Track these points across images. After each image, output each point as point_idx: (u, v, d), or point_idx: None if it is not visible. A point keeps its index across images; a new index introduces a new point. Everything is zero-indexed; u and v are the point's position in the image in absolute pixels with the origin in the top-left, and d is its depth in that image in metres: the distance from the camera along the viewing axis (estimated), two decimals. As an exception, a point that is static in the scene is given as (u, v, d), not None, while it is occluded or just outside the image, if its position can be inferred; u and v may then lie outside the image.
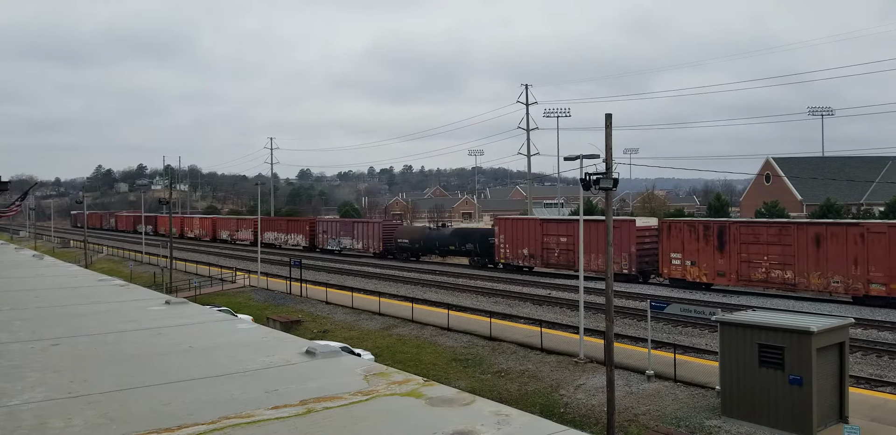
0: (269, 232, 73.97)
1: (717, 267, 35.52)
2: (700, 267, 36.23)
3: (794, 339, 15.75)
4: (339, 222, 67.49)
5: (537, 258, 44.25)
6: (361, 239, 60.46)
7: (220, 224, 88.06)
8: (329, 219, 76.31)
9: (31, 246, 72.37)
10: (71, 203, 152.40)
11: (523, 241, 45.09)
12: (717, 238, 35.43)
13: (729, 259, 34.88)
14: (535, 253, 44.33)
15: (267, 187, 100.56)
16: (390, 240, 57.59)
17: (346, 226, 64.08)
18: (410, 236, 56.34)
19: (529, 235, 44.30)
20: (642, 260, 39.30)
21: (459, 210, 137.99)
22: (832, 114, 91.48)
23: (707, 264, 35.90)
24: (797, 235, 32.49)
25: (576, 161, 22.21)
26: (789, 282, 32.85)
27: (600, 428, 17.85)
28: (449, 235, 52.95)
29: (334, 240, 64.22)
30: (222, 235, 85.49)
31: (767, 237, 33.63)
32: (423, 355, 25.86)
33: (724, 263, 35.16)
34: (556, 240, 42.77)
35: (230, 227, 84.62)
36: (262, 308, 37.16)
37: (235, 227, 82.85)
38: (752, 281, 34.33)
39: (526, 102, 68.68)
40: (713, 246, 35.55)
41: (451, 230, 55.33)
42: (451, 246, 51.92)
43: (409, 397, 2.58)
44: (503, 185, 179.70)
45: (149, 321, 4.35)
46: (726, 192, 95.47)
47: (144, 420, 2.35)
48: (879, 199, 58.70)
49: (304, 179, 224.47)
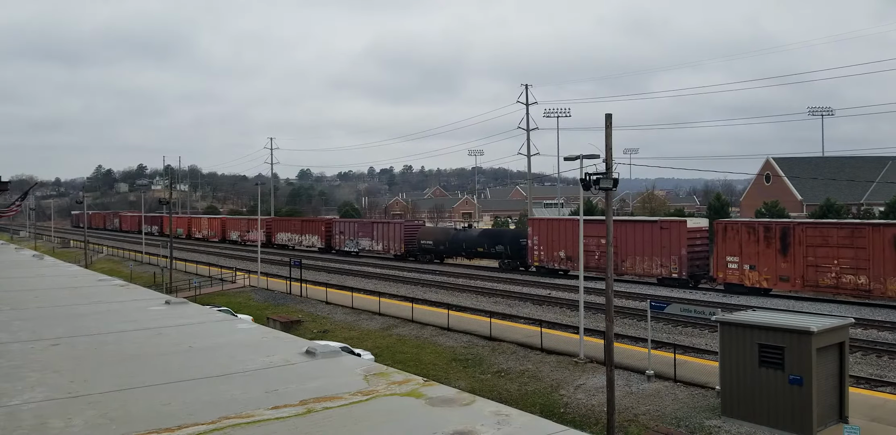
0: (281, 233, 72.35)
1: (779, 271, 33.34)
2: (760, 271, 34.02)
3: (794, 339, 15.75)
4: (357, 223, 65.31)
5: (575, 261, 41.01)
6: (382, 240, 58.45)
7: (230, 225, 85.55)
8: (347, 219, 73.91)
9: (31, 246, 72.42)
10: (71, 203, 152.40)
11: (560, 242, 42.96)
12: (780, 240, 33.28)
13: (793, 263, 32.65)
14: (573, 255, 41.70)
15: (267, 187, 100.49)
16: (412, 241, 55.89)
17: (365, 227, 62.04)
18: (434, 238, 54.51)
19: (567, 237, 41.74)
20: (693, 263, 37.31)
21: (459, 210, 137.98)
22: (832, 114, 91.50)
23: (768, 268, 33.66)
24: (872, 236, 30.47)
25: (576, 161, 22.22)
26: (863, 288, 30.70)
27: (600, 428, 17.85)
28: (477, 236, 51.10)
29: (352, 241, 62.25)
30: (232, 235, 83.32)
31: (838, 239, 31.47)
32: (423, 355, 25.86)
33: (787, 268, 32.92)
34: (595, 242, 40.20)
35: (240, 227, 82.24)
36: (262, 308, 37.16)
37: (246, 227, 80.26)
38: (820, 286, 32.22)
39: (526, 102, 68.70)
40: (775, 249, 33.36)
41: (479, 231, 53.48)
42: (479, 248, 49.99)
43: (409, 397, 2.58)
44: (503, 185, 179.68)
45: (149, 321, 4.35)
46: (726, 192, 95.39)
47: (144, 420, 2.35)
48: (879, 199, 58.68)
49: (304, 179, 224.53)
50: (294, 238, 70.44)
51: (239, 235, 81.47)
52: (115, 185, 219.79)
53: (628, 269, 39.24)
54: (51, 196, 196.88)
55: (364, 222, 64.76)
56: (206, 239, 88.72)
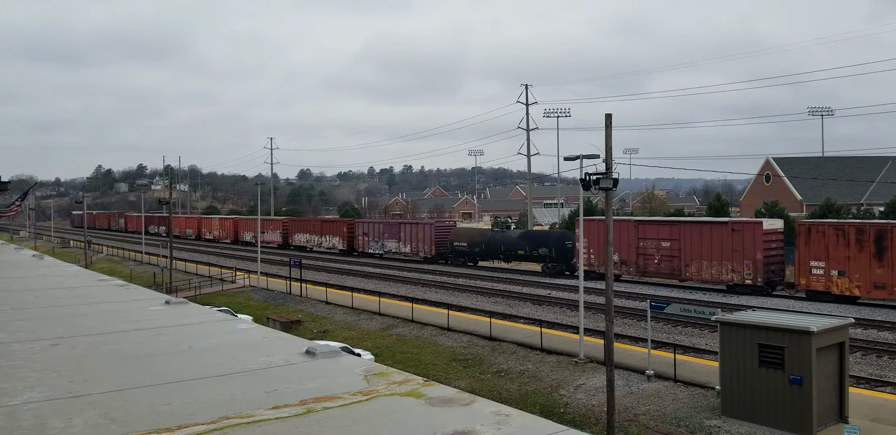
0: (299, 234, 69.57)
1: (873, 278, 30.40)
2: (850, 278, 31.12)
3: (794, 339, 15.75)
4: (383, 223, 62.10)
5: (631, 265, 39.41)
6: (409, 242, 55.48)
7: (243, 225, 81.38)
8: (372, 220, 70.65)
9: (31, 246, 72.42)
10: (71, 203, 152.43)
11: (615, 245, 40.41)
12: (875, 244, 30.45)
13: (891, 269, 29.93)
14: (628, 259, 39.43)
15: (267, 187, 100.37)
16: (444, 243, 52.99)
17: (391, 227, 58.91)
18: (469, 239, 51.32)
19: (621, 239, 38.82)
20: (768, 269, 34.66)
21: (459, 210, 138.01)
22: (832, 114, 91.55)
23: (860, 275, 30.82)
24: None
25: (575, 161, 22.23)
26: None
27: (600, 428, 17.85)
28: (517, 237, 48.03)
29: (377, 243, 59.20)
30: (245, 236, 79.72)
31: None
32: (423, 355, 25.86)
33: (883, 274, 30.11)
34: (655, 244, 38.00)
35: (254, 228, 76.87)
36: (262, 308, 37.16)
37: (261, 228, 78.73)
38: None
39: (526, 102, 68.72)
40: (869, 253, 30.55)
41: (519, 232, 50.39)
42: (519, 250, 46.74)
43: (409, 397, 2.58)
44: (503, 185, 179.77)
45: (149, 321, 4.35)
46: (726, 192, 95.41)
47: (144, 420, 2.35)
48: (879, 199, 58.69)
49: (304, 179, 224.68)
50: (313, 239, 67.58)
51: (253, 235, 77.11)
52: (114, 185, 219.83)
53: (693, 274, 36.57)
54: (51, 196, 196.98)
55: (390, 223, 61.79)
56: (217, 240, 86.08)
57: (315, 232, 67.38)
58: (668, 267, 37.81)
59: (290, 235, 71.02)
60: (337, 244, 64.36)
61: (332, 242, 64.99)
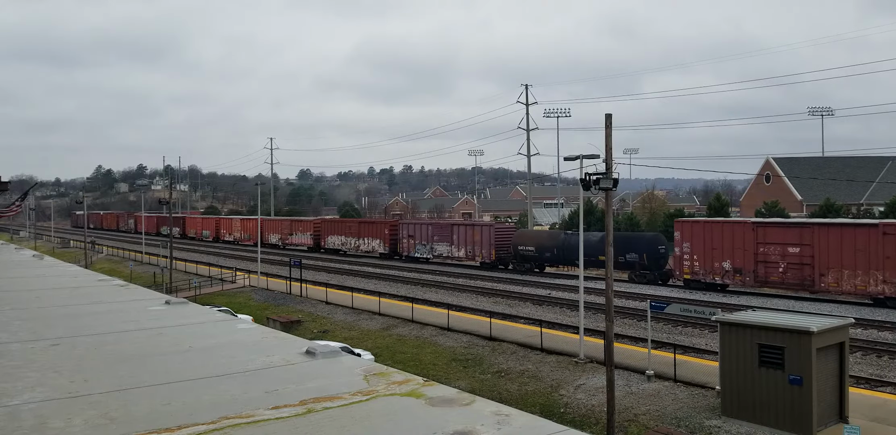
0: (333, 236, 65.63)
1: None
2: None
3: (794, 339, 15.75)
4: (432, 225, 57.48)
5: (747, 274, 34.88)
6: (464, 245, 51.22)
7: (269, 226, 76.08)
8: (419, 221, 66.14)
9: (31, 246, 72.46)
10: (71, 203, 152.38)
11: (723, 250, 35.86)
12: None
13: None
14: (743, 267, 35.01)
15: (267, 187, 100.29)
16: (505, 246, 48.93)
17: (441, 229, 54.48)
18: (537, 242, 46.68)
19: (734, 244, 35.26)
20: None
21: (459, 210, 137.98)
22: (832, 114, 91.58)
23: None
24: None
25: (575, 161, 22.22)
26: None
27: (600, 428, 17.85)
28: (598, 241, 41.29)
29: (424, 246, 55.03)
30: (271, 238, 74.41)
31: None
32: (423, 355, 25.86)
33: None
34: (779, 250, 33.78)
35: (282, 229, 73.57)
36: (262, 308, 37.18)
37: (289, 229, 72.18)
38: None
39: (526, 102, 68.72)
40: None
41: (601, 235, 42.74)
42: (601, 255, 42.60)
43: (409, 397, 2.58)
44: (503, 185, 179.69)
45: (149, 321, 4.35)
46: (726, 192, 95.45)
47: (144, 420, 2.36)
48: (879, 199, 58.68)
49: (304, 180, 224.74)
50: (349, 242, 63.29)
51: (280, 238, 73.49)
52: (114, 185, 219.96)
53: (830, 284, 32.11)
54: (51, 196, 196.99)
55: (441, 224, 57.44)
56: (238, 242, 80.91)
57: (352, 234, 63.26)
58: (797, 276, 33.31)
59: (322, 237, 67.35)
60: (377, 247, 60.19)
61: (371, 245, 60.93)
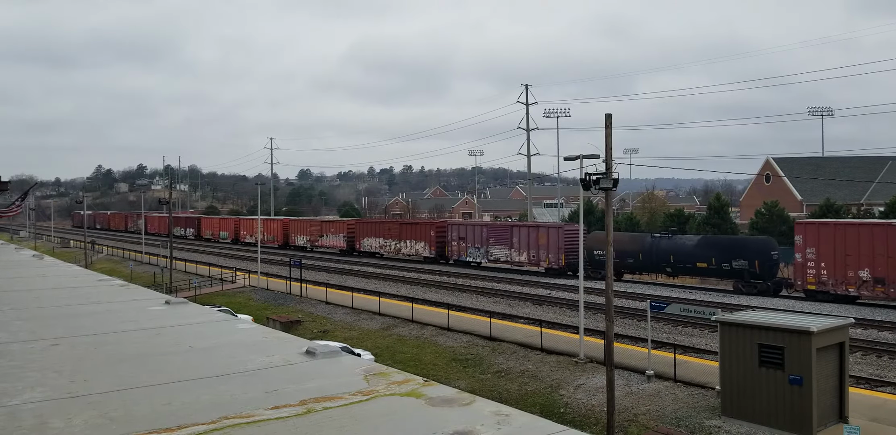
0: (369, 238, 61.25)
1: None
2: None
3: (794, 339, 15.75)
4: (487, 226, 52.41)
5: (891, 285, 30.29)
6: (526, 249, 46.07)
7: (295, 227, 71.33)
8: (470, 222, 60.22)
9: (31, 246, 72.42)
10: (71, 203, 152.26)
11: (860, 257, 31.19)
12: None
13: None
14: (886, 277, 30.32)
15: (267, 187, 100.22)
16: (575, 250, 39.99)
17: (499, 231, 49.45)
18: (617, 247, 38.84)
19: (874, 249, 30.73)
20: None
21: (459, 210, 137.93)
22: (832, 114, 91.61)
23: None
24: None
25: (575, 161, 22.22)
26: None
27: (600, 428, 17.85)
28: (695, 245, 37.84)
29: (478, 249, 50.13)
30: (298, 241, 70.06)
31: None
32: (423, 355, 25.86)
33: None
34: None
35: (311, 231, 68.57)
36: (262, 308, 37.17)
37: (319, 231, 67.24)
38: None
39: (526, 102, 68.74)
40: None
41: (698, 239, 39.26)
42: (699, 262, 37.19)
43: (409, 397, 2.58)
44: (503, 185, 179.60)
45: (149, 321, 4.35)
46: (726, 192, 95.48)
47: (144, 420, 2.35)
48: (879, 199, 58.66)
49: (304, 179, 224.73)
50: (389, 244, 58.87)
51: (308, 239, 68.62)
52: (114, 185, 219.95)
53: None
54: (51, 196, 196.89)
55: (498, 226, 52.98)
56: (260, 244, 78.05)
57: (391, 236, 58.65)
58: None
59: (357, 239, 62.84)
60: (421, 250, 55.62)
61: (414, 248, 56.30)
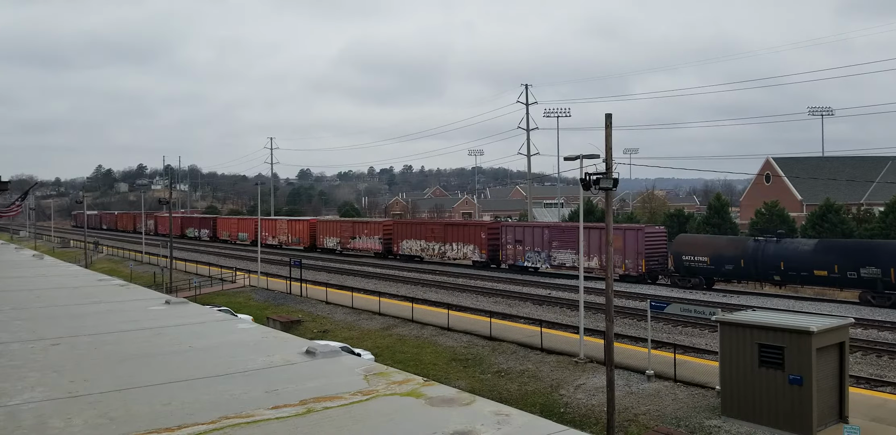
0: (409, 240, 56.39)
1: None
2: None
3: (794, 339, 15.75)
4: (549, 228, 46.74)
5: None
6: (597, 253, 41.00)
7: (324, 229, 66.49)
8: (528, 223, 53.26)
9: (31, 246, 72.39)
10: (71, 203, 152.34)
11: None
12: None
13: None
14: None
15: (267, 187, 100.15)
16: (656, 255, 39.79)
17: (563, 233, 44.17)
18: (713, 251, 36.42)
19: None
20: None
21: (459, 210, 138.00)
22: (832, 114, 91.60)
23: None
24: None
25: (575, 161, 22.23)
26: None
27: (600, 428, 17.85)
28: (812, 250, 32.65)
29: (538, 253, 45.41)
30: (327, 242, 65.24)
31: None
32: (423, 355, 25.86)
33: None
34: None
35: (342, 232, 63.50)
36: (262, 308, 37.17)
37: (351, 232, 62.17)
38: None
39: (526, 102, 68.76)
40: None
41: (815, 243, 33.82)
42: (816, 270, 31.89)
43: (409, 397, 2.58)
44: (503, 185, 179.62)
45: (149, 321, 4.35)
46: (726, 192, 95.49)
47: (144, 420, 2.35)
48: (879, 199, 58.67)
49: (304, 179, 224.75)
50: (431, 247, 54.08)
51: (339, 242, 63.88)
52: (115, 185, 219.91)
53: None
54: (51, 196, 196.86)
55: (563, 227, 46.43)
56: (283, 246, 71.11)
57: (435, 238, 53.90)
58: None
59: (394, 242, 57.89)
60: (470, 254, 51.18)
61: (462, 252, 51.77)
